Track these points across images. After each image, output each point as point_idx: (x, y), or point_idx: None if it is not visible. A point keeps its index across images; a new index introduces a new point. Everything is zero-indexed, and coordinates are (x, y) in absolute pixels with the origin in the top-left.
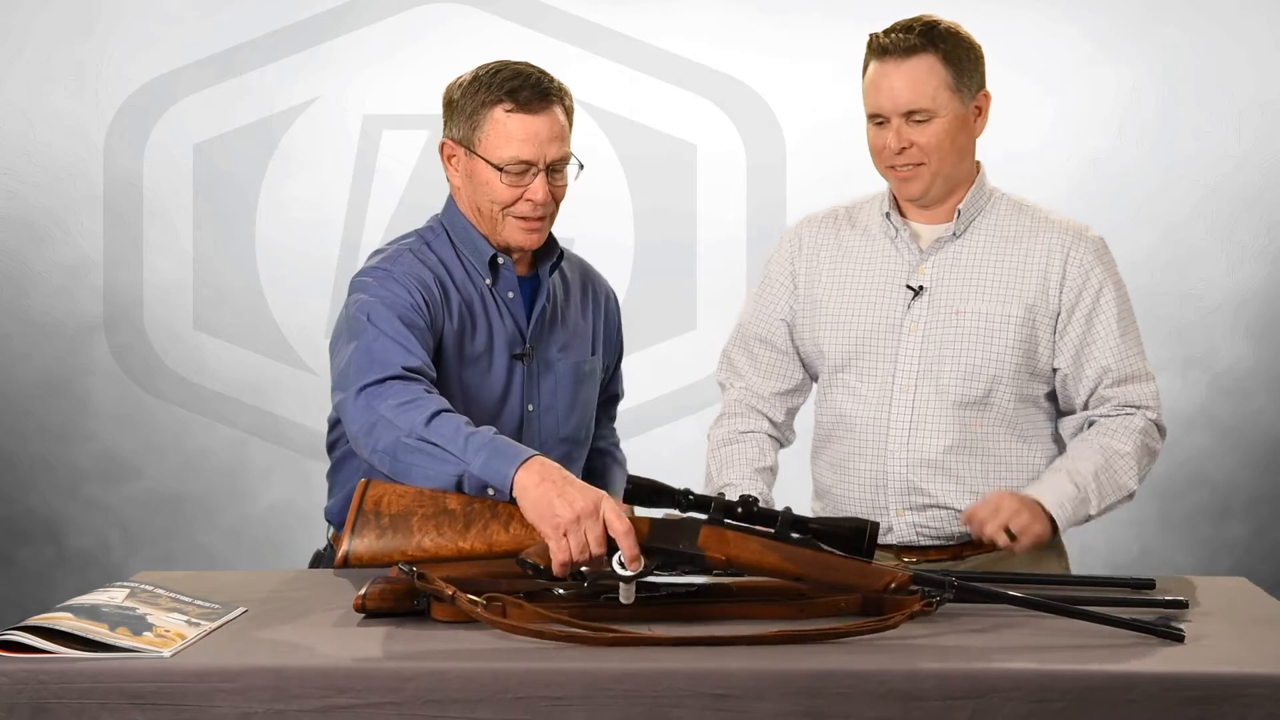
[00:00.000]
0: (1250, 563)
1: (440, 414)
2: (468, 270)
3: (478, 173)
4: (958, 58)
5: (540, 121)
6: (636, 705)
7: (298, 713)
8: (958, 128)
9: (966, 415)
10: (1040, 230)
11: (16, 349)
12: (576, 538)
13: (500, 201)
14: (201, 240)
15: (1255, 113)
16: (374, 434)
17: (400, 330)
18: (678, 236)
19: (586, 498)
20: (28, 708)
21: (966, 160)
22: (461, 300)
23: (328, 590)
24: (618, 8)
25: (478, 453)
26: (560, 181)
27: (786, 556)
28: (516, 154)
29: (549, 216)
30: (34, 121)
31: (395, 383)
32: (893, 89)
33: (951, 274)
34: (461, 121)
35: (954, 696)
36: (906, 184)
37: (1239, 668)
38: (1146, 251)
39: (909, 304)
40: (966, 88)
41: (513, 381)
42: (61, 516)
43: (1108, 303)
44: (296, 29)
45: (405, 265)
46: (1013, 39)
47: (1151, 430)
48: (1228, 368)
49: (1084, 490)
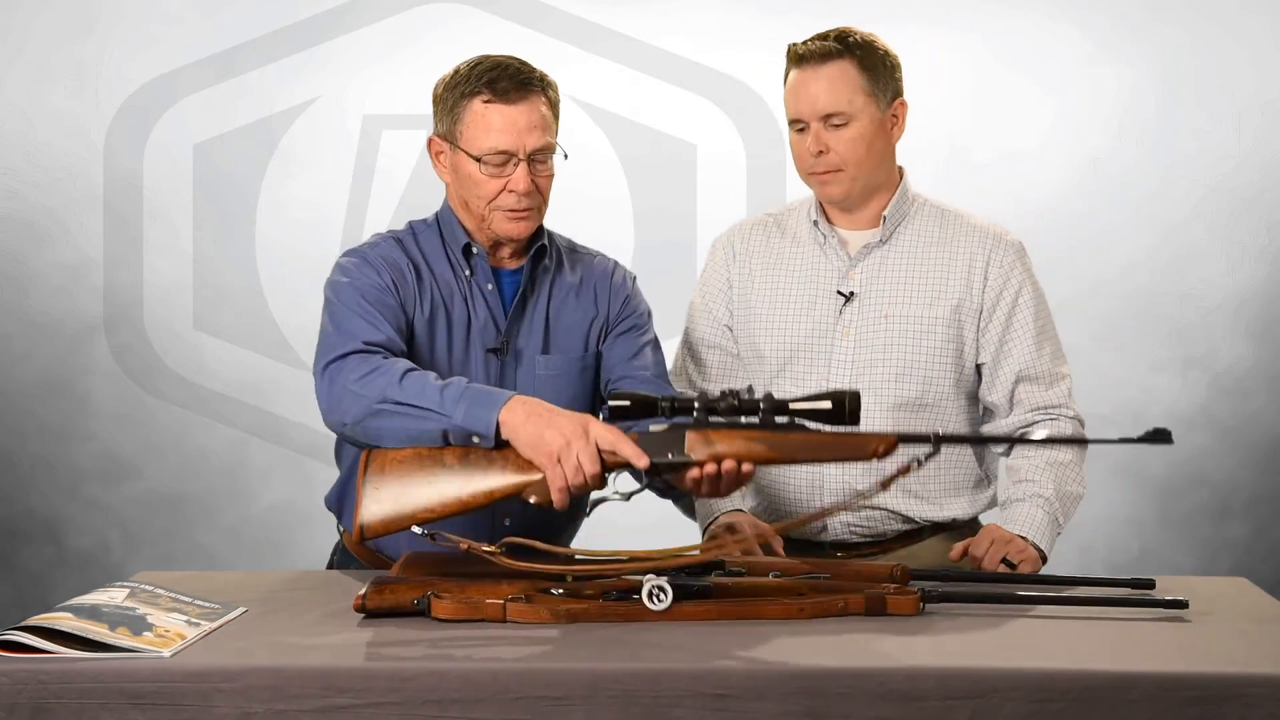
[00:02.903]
0: (1250, 563)
1: (408, 374)
2: (451, 262)
3: (461, 166)
4: (872, 64)
5: (518, 111)
6: (636, 705)
7: (298, 713)
8: (874, 133)
9: (901, 417)
10: (963, 234)
11: (16, 349)
12: (570, 462)
13: (485, 194)
14: (201, 240)
15: (1255, 113)
16: (341, 407)
17: (365, 307)
18: (678, 236)
19: (573, 421)
20: (28, 708)
21: (886, 166)
22: (438, 290)
23: (328, 590)
24: (618, 8)
25: (456, 404)
26: (544, 172)
27: (773, 446)
28: (495, 144)
29: (536, 207)
30: (34, 121)
31: (354, 357)
32: (810, 94)
33: (880, 279)
34: (445, 116)
35: (954, 696)
36: (826, 187)
37: (1239, 668)
38: (1146, 251)
39: (840, 309)
40: (882, 93)
41: (487, 376)
42: (61, 516)
43: (1025, 304)
44: (296, 29)
45: (381, 250)
46: (1013, 39)
47: (1077, 429)
48: (1228, 368)
49: (1053, 514)
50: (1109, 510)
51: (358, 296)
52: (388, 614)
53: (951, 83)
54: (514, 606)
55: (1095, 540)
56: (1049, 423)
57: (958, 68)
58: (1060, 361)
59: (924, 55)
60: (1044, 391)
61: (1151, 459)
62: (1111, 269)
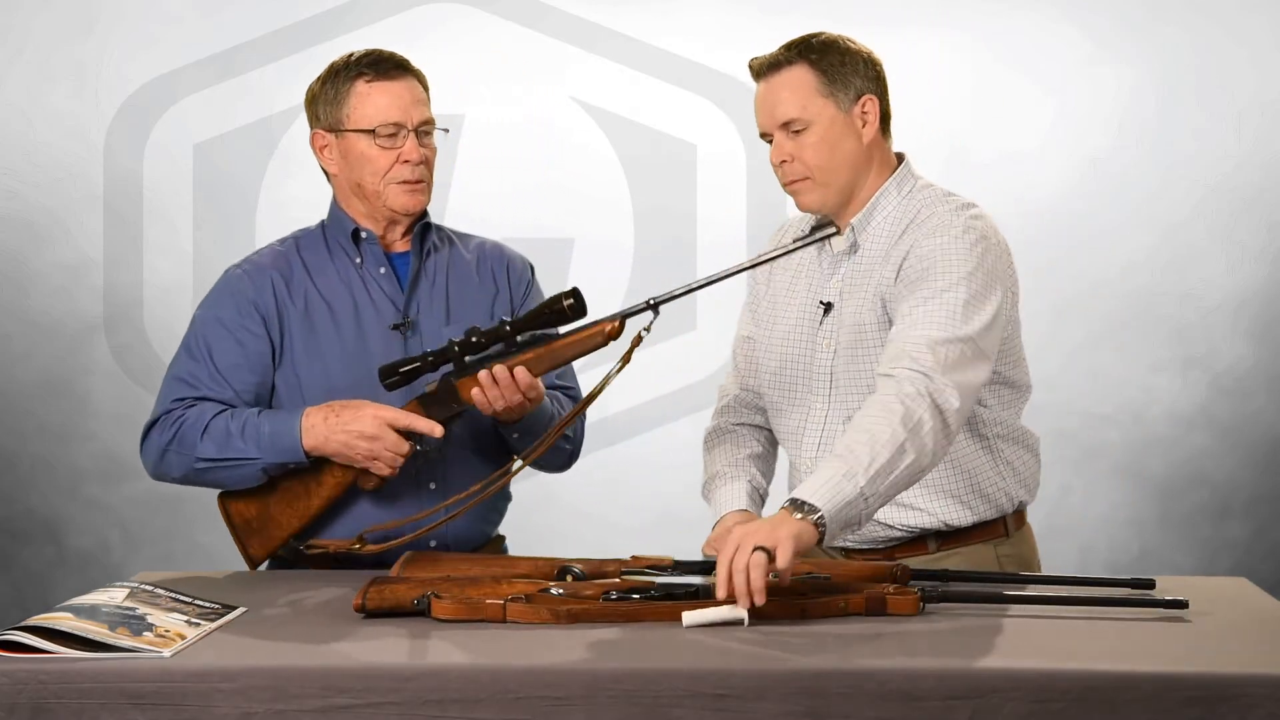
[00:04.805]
0: (1250, 563)
1: (208, 428)
2: (339, 256)
3: (352, 149)
4: (829, 64)
5: (401, 86)
6: (636, 705)
7: (298, 713)
8: (839, 135)
9: None
10: (915, 226)
11: (16, 349)
12: (382, 455)
13: (379, 170)
14: (201, 240)
15: (1255, 113)
16: (163, 469)
17: (200, 348)
18: (678, 236)
19: (360, 419)
20: (28, 708)
21: (860, 170)
22: (319, 288)
23: (328, 590)
24: (618, 8)
25: (259, 444)
26: (429, 144)
27: (529, 365)
28: (385, 116)
29: (427, 180)
30: (34, 121)
31: (162, 420)
32: (768, 104)
33: (851, 287)
34: (327, 107)
35: (954, 696)
36: (799, 197)
37: (1239, 668)
38: (1146, 251)
39: (820, 320)
40: (843, 93)
41: (392, 351)
42: (61, 516)
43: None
44: (296, 29)
45: (239, 279)
46: (1013, 39)
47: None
48: (1228, 368)
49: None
50: (1109, 510)
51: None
52: (388, 614)
53: (951, 83)
54: (514, 606)
55: (1095, 540)
56: (887, 377)
57: (958, 68)
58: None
59: (924, 55)
60: (907, 331)
61: (1151, 459)
62: (1111, 269)
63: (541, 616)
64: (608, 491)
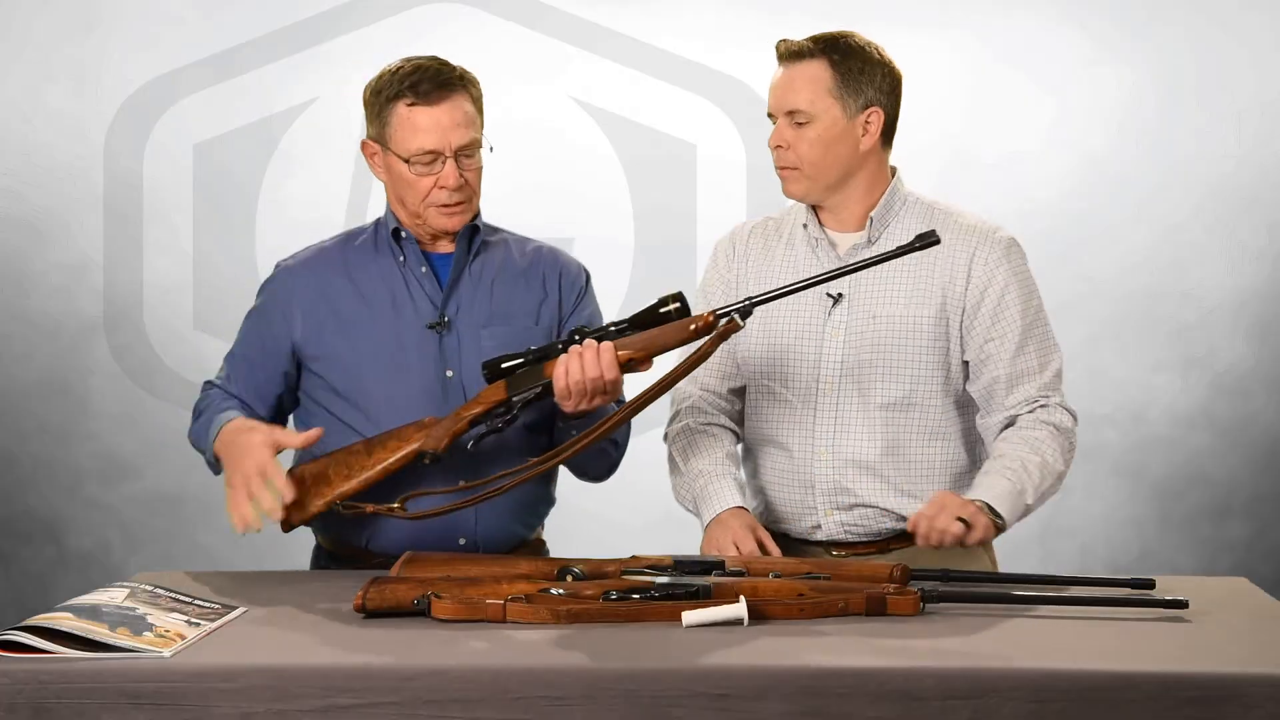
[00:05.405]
0: (1250, 563)
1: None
2: (384, 253)
3: (393, 167)
4: (847, 68)
5: (441, 111)
6: (636, 705)
7: (298, 713)
8: (836, 137)
9: (890, 416)
10: (950, 232)
11: (16, 349)
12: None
13: (418, 193)
14: (201, 240)
15: (1255, 113)
16: None
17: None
18: (678, 236)
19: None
20: (28, 708)
21: (850, 173)
22: (360, 285)
23: (328, 590)
24: (618, 8)
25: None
26: (471, 166)
27: (621, 345)
28: (421, 145)
29: (468, 199)
30: (34, 121)
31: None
32: (780, 89)
33: (868, 280)
34: (375, 120)
35: (954, 696)
36: (785, 184)
37: (1239, 668)
38: (1146, 251)
39: (829, 311)
40: (852, 98)
41: (426, 350)
42: (61, 516)
43: (1010, 302)
44: (296, 29)
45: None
46: (1013, 39)
47: (1063, 417)
48: (1228, 368)
49: (1018, 484)
50: (1109, 510)
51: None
52: (388, 614)
53: (951, 83)
54: (514, 606)
55: (1095, 540)
56: (1037, 410)
57: (958, 68)
58: (1048, 353)
59: (924, 55)
60: (1027, 385)
61: (1151, 459)
62: (1111, 269)
63: (541, 616)
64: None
